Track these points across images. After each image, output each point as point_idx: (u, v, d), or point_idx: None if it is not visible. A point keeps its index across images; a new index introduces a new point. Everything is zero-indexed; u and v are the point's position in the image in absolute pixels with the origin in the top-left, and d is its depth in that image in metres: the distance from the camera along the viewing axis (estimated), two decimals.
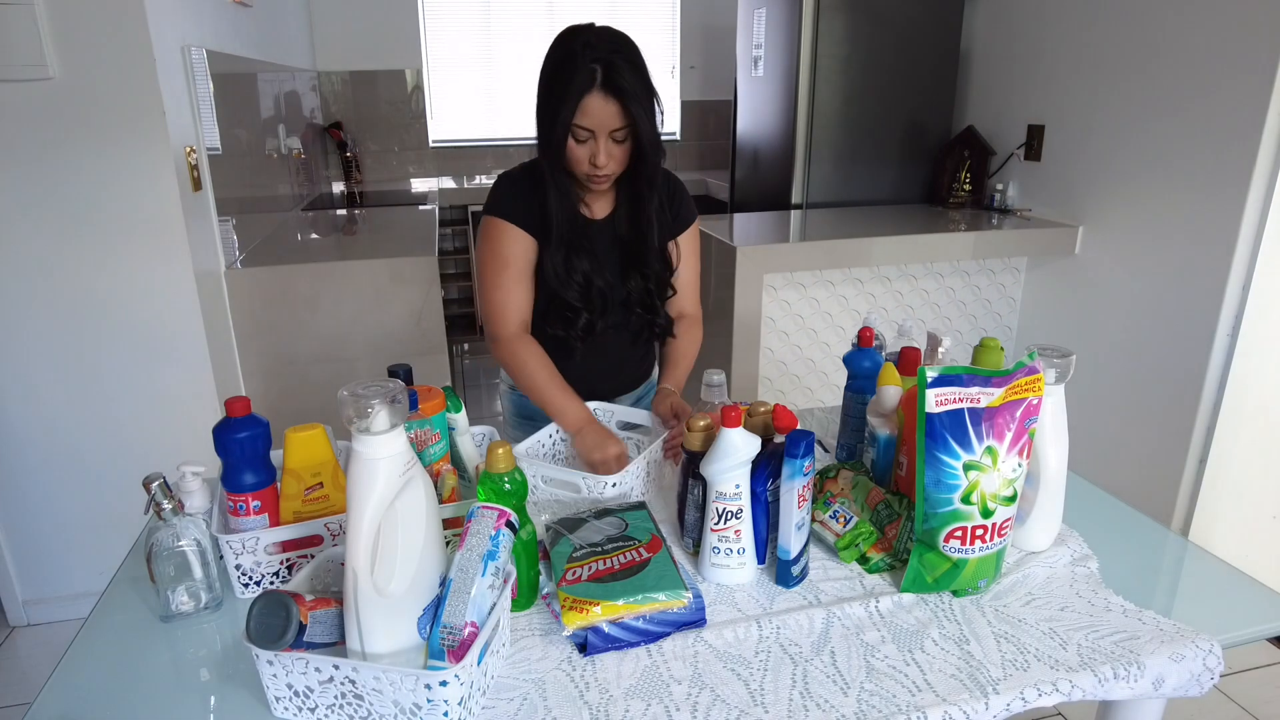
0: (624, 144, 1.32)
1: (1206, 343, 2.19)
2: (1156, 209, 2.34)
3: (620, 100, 1.26)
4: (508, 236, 1.41)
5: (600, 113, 1.27)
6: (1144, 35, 2.32)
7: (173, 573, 0.97)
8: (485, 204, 1.45)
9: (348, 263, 2.42)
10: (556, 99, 1.28)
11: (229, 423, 1.02)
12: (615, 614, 0.92)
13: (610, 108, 1.26)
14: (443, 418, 1.11)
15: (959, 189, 3.00)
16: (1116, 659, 0.90)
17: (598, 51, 1.25)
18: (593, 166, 1.32)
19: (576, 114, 1.27)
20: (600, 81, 1.25)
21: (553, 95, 1.29)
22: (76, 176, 1.94)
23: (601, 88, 1.25)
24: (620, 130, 1.29)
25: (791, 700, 0.85)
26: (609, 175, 1.35)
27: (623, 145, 1.33)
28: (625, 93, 1.26)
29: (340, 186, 4.39)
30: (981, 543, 0.98)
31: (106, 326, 2.07)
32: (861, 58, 2.91)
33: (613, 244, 1.47)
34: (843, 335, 2.69)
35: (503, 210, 1.42)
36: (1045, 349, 1.05)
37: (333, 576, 0.94)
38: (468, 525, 0.87)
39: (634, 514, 1.09)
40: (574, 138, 1.30)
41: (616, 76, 1.25)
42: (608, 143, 1.30)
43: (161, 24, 1.96)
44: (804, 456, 0.98)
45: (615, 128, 1.29)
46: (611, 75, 1.25)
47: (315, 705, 0.81)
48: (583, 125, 1.28)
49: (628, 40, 1.30)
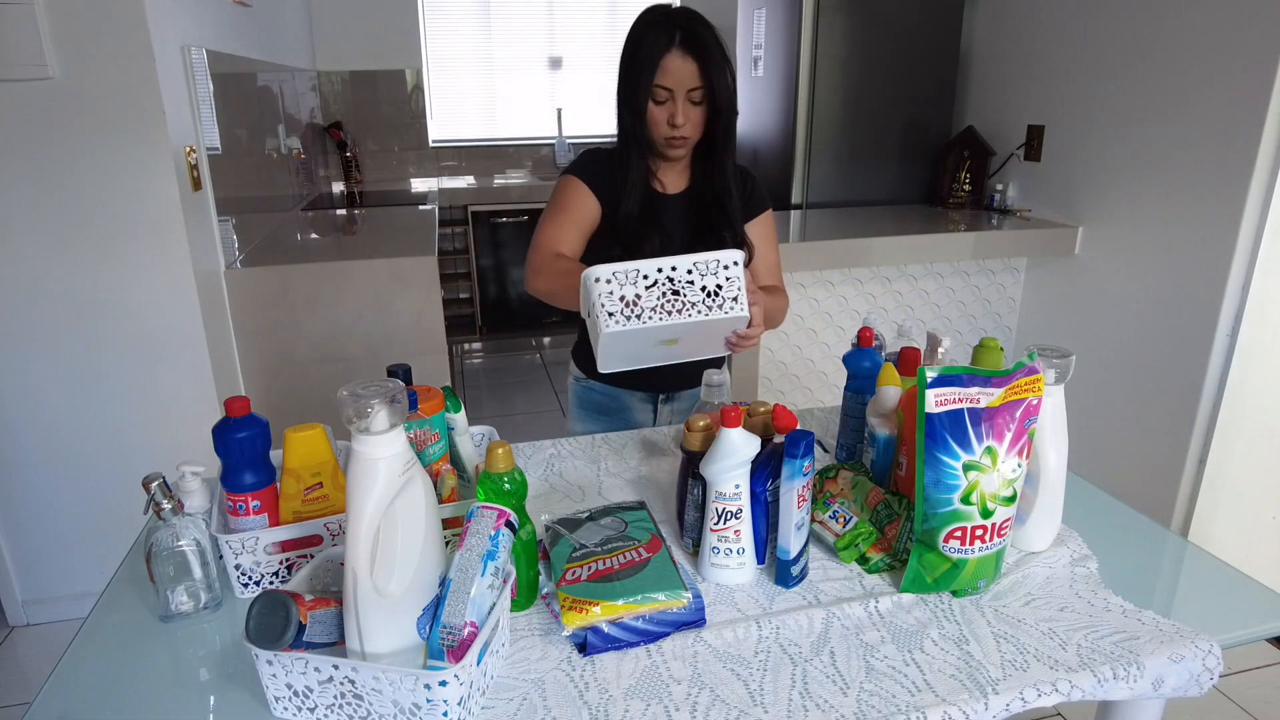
0: (700, 106, 1.39)
1: (1206, 343, 2.19)
2: (1156, 209, 2.34)
3: (698, 60, 1.34)
4: (574, 189, 1.47)
5: (679, 71, 1.35)
6: (1144, 35, 2.32)
7: (172, 573, 0.97)
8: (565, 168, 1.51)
9: (348, 263, 2.42)
10: (638, 62, 1.36)
11: (229, 423, 1.02)
12: (615, 614, 0.92)
13: (688, 66, 1.34)
14: (441, 418, 1.11)
15: (959, 189, 3.00)
16: (1116, 659, 0.90)
17: (677, 18, 1.35)
18: (671, 127, 1.38)
19: (657, 74, 1.35)
20: (679, 41, 1.34)
21: (635, 59, 1.37)
22: (76, 177, 1.94)
23: (680, 47, 1.34)
24: (697, 90, 1.36)
25: (791, 700, 0.85)
26: (686, 138, 1.41)
27: (699, 108, 1.39)
28: (703, 52, 1.34)
29: (340, 186, 4.39)
30: (981, 543, 0.98)
31: (106, 326, 2.07)
32: (861, 58, 2.91)
33: (685, 219, 1.50)
34: (842, 335, 2.69)
35: (578, 170, 1.48)
36: (1045, 349, 1.05)
37: (332, 576, 0.94)
38: (467, 525, 0.87)
39: (633, 514, 1.09)
40: (653, 99, 1.37)
41: (694, 38, 1.34)
42: (685, 104, 1.37)
43: (161, 24, 1.96)
44: (803, 457, 0.98)
45: (692, 87, 1.36)
46: (690, 37, 1.34)
47: (315, 705, 0.81)
48: (662, 85, 1.36)
49: (704, 17, 1.38)
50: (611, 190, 1.46)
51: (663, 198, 1.50)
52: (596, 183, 1.46)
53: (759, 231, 1.55)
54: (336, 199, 4.23)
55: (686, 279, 1.13)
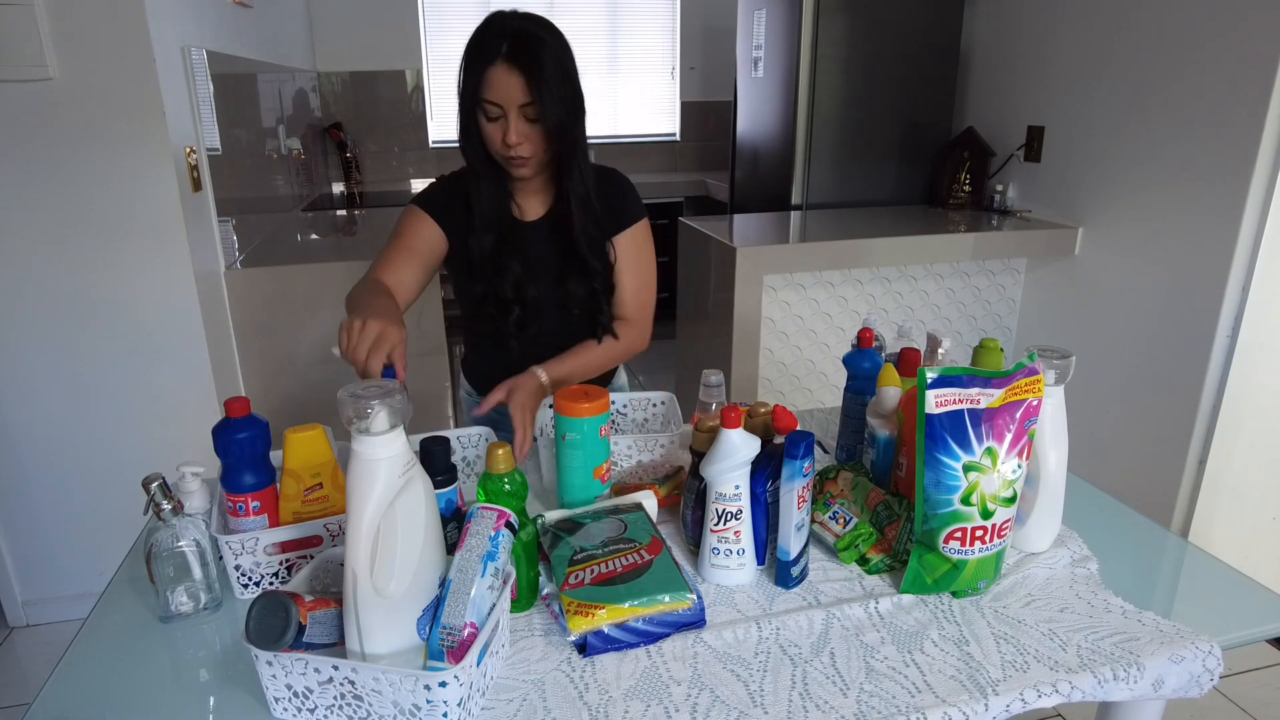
0: (537, 124, 1.28)
1: (1206, 343, 2.19)
2: (1156, 209, 2.34)
3: (524, 73, 1.23)
4: (413, 220, 1.39)
5: (506, 85, 1.24)
6: (1144, 36, 2.32)
7: (172, 573, 0.97)
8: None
9: (348, 263, 2.42)
10: (468, 74, 1.27)
11: (228, 423, 1.02)
12: (620, 617, 0.91)
13: (515, 80, 1.24)
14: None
15: (959, 190, 3.00)
16: (1116, 660, 0.90)
17: (509, 27, 1.24)
18: (504, 145, 1.29)
19: (483, 87, 1.25)
20: (505, 53, 1.23)
21: (465, 70, 1.28)
22: (76, 177, 1.94)
23: (506, 59, 1.23)
24: (529, 106, 1.26)
25: (791, 701, 0.85)
26: (525, 157, 1.31)
27: (536, 125, 1.28)
28: (531, 66, 1.23)
29: (340, 187, 4.39)
30: (981, 544, 0.98)
31: (106, 327, 2.07)
32: (861, 58, 2.91)
33: (548, 247, 1.43)
34: (842, 336, 2.69)
35: (422, 199, 1.41)
36: (1045, 350, 1.05)
37: (332, 577, 0.94)
38: (467, 526, 0.87)
39: (633, 515, 1.09)
40: (485, 115, 1.28)
41: (523, 50, 1.23)
42: (518, 120, 1.27)
43: (161, 24, 1.96)
44: (804, 457, 0.98)
45: (522, 103, 1.25)
46: (518, 49, 1.23)
47: (314, 706, 0.81)
48: (491, 100, 1.26)
49: (549, 25, 1.28)
50: (461, 220, 1.38)
51: (520, 224, 1.42)
52: (443, 213, 1.38)
53: (626, 247, 1.45)
54: (337, 199, 4.23)
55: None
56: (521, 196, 1.43)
